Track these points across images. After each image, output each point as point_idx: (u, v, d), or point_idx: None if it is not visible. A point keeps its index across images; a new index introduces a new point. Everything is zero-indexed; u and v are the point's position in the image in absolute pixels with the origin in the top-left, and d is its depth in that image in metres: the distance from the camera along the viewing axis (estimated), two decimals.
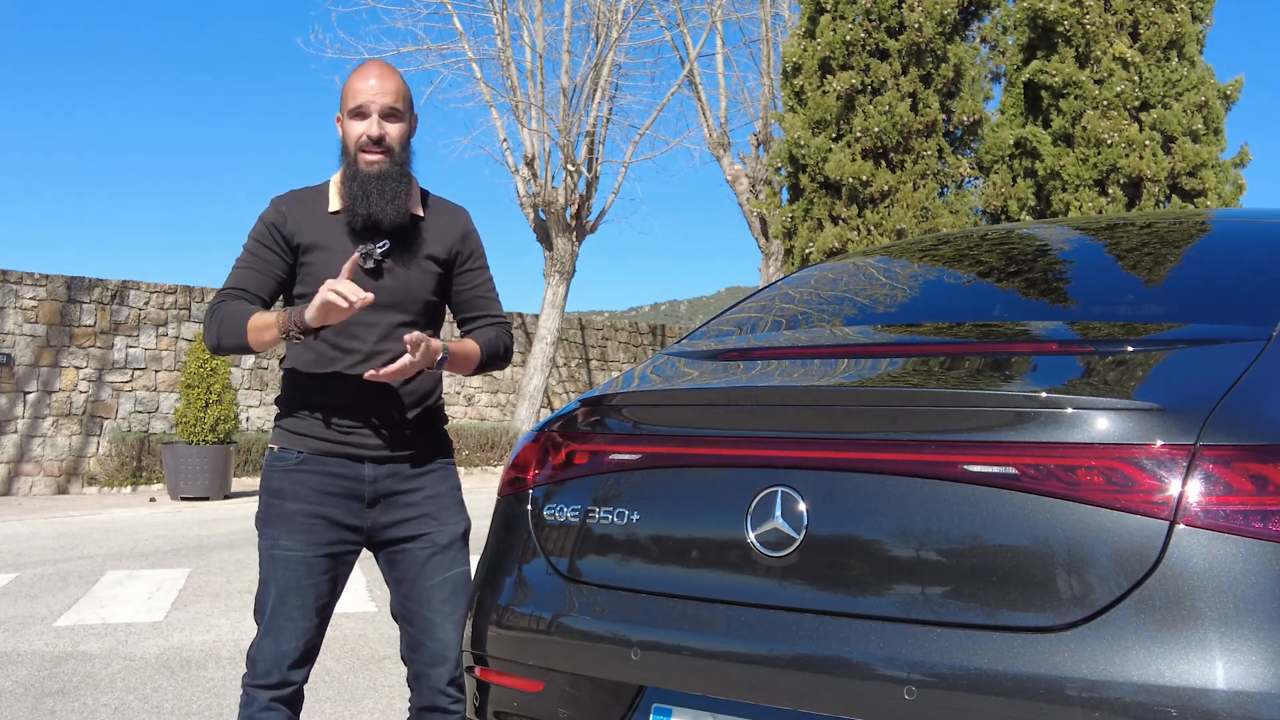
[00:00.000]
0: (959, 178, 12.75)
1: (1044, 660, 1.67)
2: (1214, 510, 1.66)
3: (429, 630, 2.70)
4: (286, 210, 2.72)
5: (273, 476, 2.71)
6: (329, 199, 2.74)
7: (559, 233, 20.04)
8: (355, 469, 2.69)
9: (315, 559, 2.66)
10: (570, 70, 20.20)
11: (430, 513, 2.74)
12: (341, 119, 2.73)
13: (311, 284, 2.65)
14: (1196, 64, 12.44)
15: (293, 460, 2.69)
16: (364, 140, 2.66)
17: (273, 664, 2.64)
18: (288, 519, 2.66)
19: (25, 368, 15.01)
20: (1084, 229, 3.04)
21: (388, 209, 2.66)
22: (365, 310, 2.59)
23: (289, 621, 2.65)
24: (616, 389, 2.41)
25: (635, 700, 2.06)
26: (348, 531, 2.70)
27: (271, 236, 2.70)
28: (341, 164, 2.73)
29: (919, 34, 12.22)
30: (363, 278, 2.65)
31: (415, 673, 2.73)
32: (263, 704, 2.63)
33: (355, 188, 2.66)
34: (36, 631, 5.89)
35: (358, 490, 2.69)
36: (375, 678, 4.95)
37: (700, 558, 2.08)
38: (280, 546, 2.66)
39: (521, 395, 19.95)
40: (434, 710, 2.71)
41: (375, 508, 2.71)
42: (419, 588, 2.71)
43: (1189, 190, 12.21)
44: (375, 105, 2.67)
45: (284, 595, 2.65)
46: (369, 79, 2.68)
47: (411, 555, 2.72)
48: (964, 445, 1.83)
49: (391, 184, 2.67)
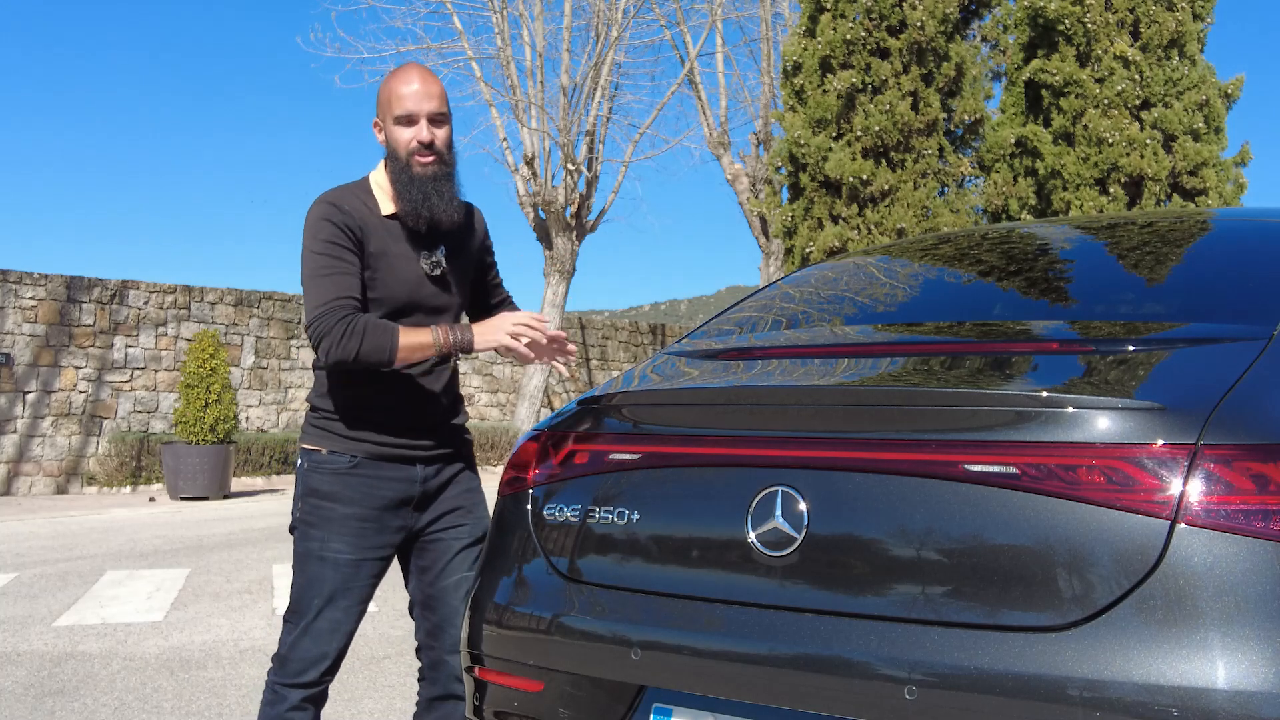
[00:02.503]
0: (960, 177, 12.74)
1: (1045, 660, 1.67)
2: (1215, 510, 1.65)
3: (453, 619, 2.73)
4: (350, 210, 2.68)
5: (321, 479, 2.69)
6: (379, 202, 2.72)
7: (559, 232, 20.04)
8: (409, 471, 2.73)
9: (364, 562, 2.69)
10: (570, 69, 20.20)
11: (465, 505, 2.81)
12: (383, 125, 2.72)
13: (380, 290, 2.66)
14: (1197, 62, 12.43)
15: (345, 463, 2.68)
16: (415, 146, 2.66)
17: (310, 664, 2.66)
18: (340, 522, 2.66)
19: (25, 367, 15.01)
20: (1085, 228, 3.04)
21: (448, 210, 2.69)
22: (425, 315, 2.71)
23: (333, 624, 2.67)
24: (616, 389, 2.41)
25: (635, 700, 2.06)
26: (396, 535, 2.74)
27: (347, 237, 2.64)
28: (390, 169, 2.71)
29: (920, 32, 12.21)
30: (428, 284, 2.71)
31: (433, 660, 2.75)
32: (293, 703, 2.65)
33: (415, 192, 2.66)
34: (36, 631, 5.88)
35: (410, 493, 2.73)
36: (375, 678, 4.95)
37: (701, 557, 2.07)
38: (330, 549, 2.66)
39: (521, 395, 19.95)
40: (449, 699, 2.73)
41: (422, 509, 2.76)
42: (448, 576, 2.75)
43: (1190, 189, 12.20)
44: (424, 111, 2.67)
45: (333, 598, 2.66)
46: (413, 84, 2.67)
47: (445, 544, 2.77)
48: (965, 445, 1.83)
49: (447, 186, 2.70)
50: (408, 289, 2.68)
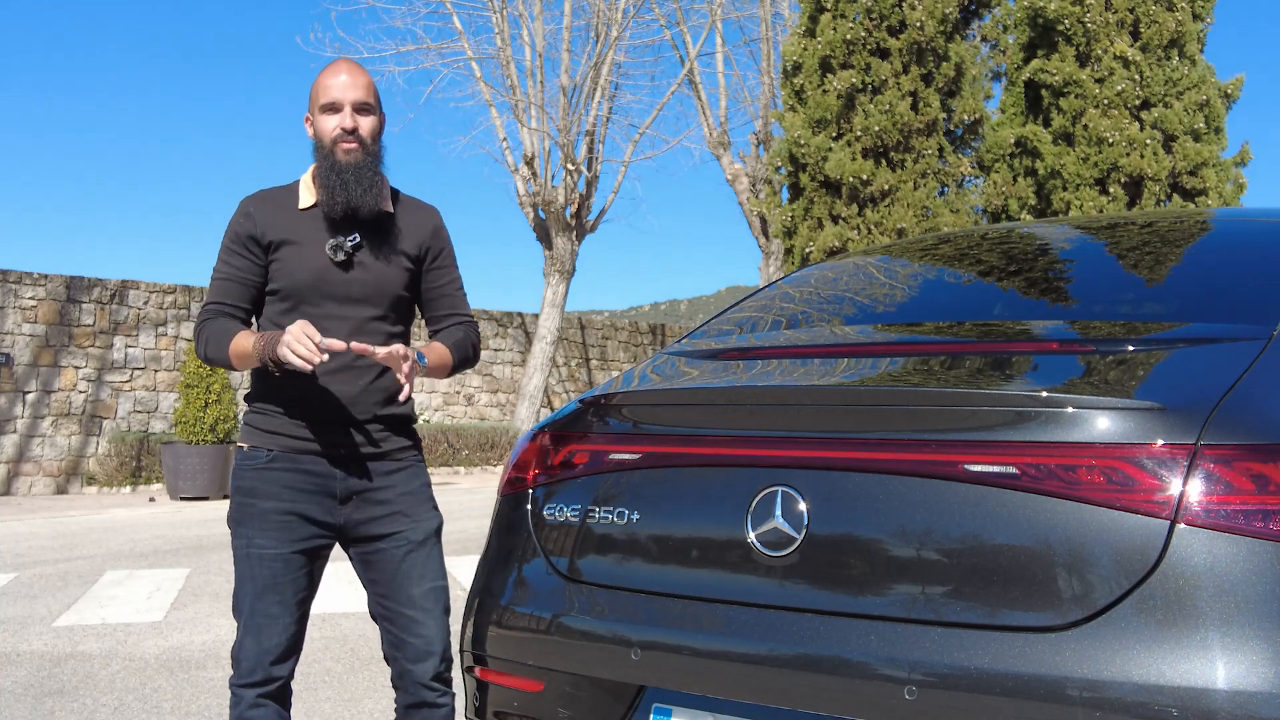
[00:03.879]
0: (959, 177, 12.74)
1: (1045, 660, 1.67)
2: (1215, 510, 1.65)
3: (411, 628, 2.71)
4: (254, 210, 2.75)
5: (243, 475, 2.72)
6: (299, 196, 2.78)
7: (559, 232, 20.04)
8: (327, 466, 2.70)
9: (291, 555, 2.67)
10: (570, 69, 20.20)
11: (403, 510, 2.75)
12: (312, 118, 2.78)
13: (283, 279, 2.71)
14: (1197, 62, 12.43)
15: (263, 458, 2.70)
16: (339, 133, 2.71)
17: (255, 662, 2.66)
18: (261, 517, 2.67)
19: (25, 367, 15.01)
20: (1085, 228, 3.04)
21: (366, 197, 2.70)
22: (337, 304, 2.69)
23: (268, 619, 2.67)
24: (616, 389, 2.41)
25: (635, 700, 2.06)
26: (321, 528, 2.71)
27: (242, 242, 2.73)
28: (316, 160, 2.77)
29: (920, 32, 12.21)
30: (334, 270, 2.70)
31: (400, 671, 2.74)
32: (250, 702, 2.65)
33: (334, 178, 2.70)
34: (36, 631, 5.88)
35: (329, 487, 2.70)
36: (375, 678, 4.95)
37: (701, 557, 2.07)
38: (255, 545, 2.67)
39: (521, 395, 19.95)
40: (422, 706, 2.72)
41: (348, 504, 2.72)
42: (397, 586, 2.72)
43: (1190, 189, 12.20)
44: (348, 99, 2.72)
45: (261, 593, 2.67)
46: (339, 75, 2.74)
47: (387, 554, 2.73)
48: (965, 445, 1.83)
49: (368, 173, 2.72)
50: (311, 276, 2.69)
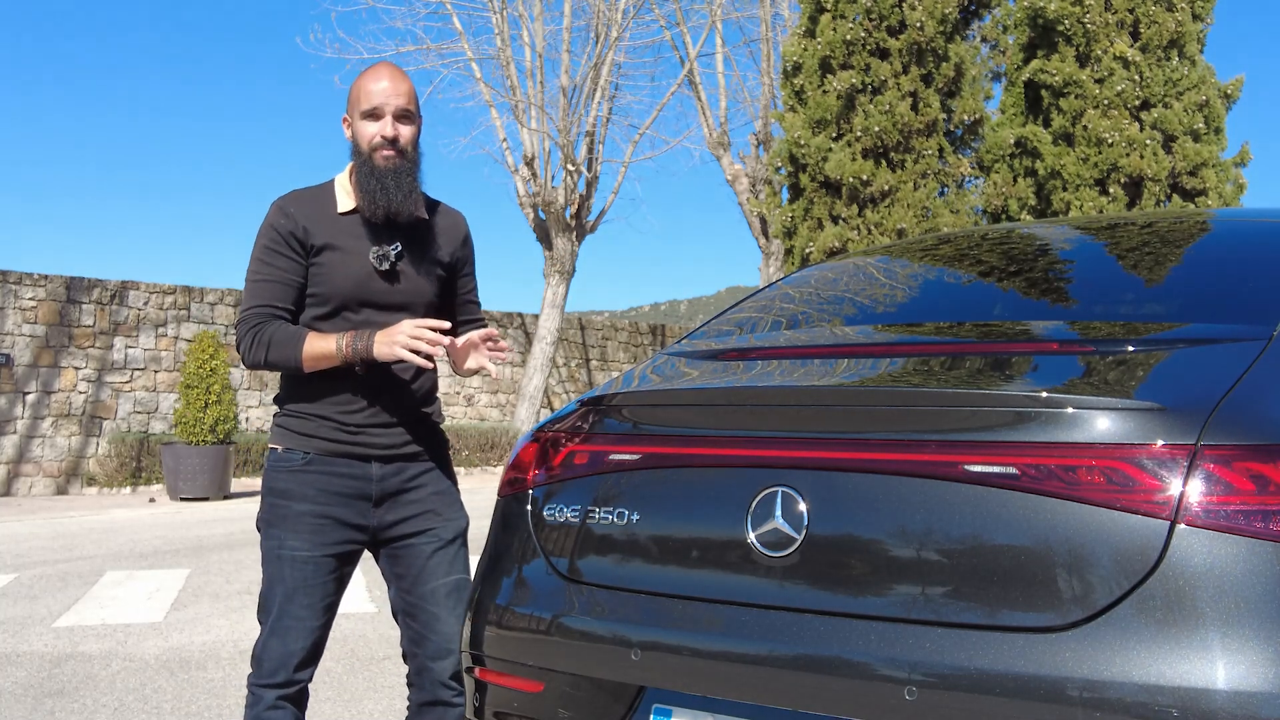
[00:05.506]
0: (959, 177, 12.74)
1: (1045, 660, 1.67)
2: (1215, 510, 1.65)
3: (433, 625, 2.72)
4: (294, 210, 2.72)
5: (278, 477, 2.72)
6: (336, 199, 2.75)
7: (559, 232, 20.04)
8: (363, 469, 2.71)
9: (323, 559, 2.68)
10: (570, 70, 20.20)
11: (435, 509, 2.77)
12: (351, 120, 2.75)
13: (324, 285, 2.69)
14: (1197, 63, 12.43)
15: (299, 461, 2.70)
16: (378, 140, 2.69)
17: (280, 663, 2.66)
18: (295, 519, 2.67)
19: (25, 368, 15.01)
20: (1085, 228, 3.04)
21: (405, 203, 2.70)
22: (376, 311, 2.69)
23: (296, 621, 2.66)
24: (616, 389, 2.41)
25: (635, 701, 2.05)
26: (354, 531, 2.72)
27: (284, 241, 2.70)
28: (354, 164, 2.75)
29: (920, 33, 12.22)
30: (377, 279, 2.70)
31: (418, 667, 2.74)
32: (269, 703, 2.65)
33: (374, 183, 2.68)
34: (36, 632, 5.88)
35: (365, 490, 2.71)
36: (375, 678, 4.95)
37: (701, 558, 2.07)
38: (287, 547, 2.67)
39: (521, 395, 19.95)
40: (436, 704, 2.73)
41: (381, 506, 2.74)
42: (423, 583, 2.73)
43: (1190, 189, 12.20)
44: (389, 107, 2.70)
45: (291, 595, 2.66)
46: (381, 81, 2.71)
47: (416, 550, 2.74)
48: (964, 445, 1.83)
49: (408, 180, 2.71)
50: (353, 283, 2.69)
